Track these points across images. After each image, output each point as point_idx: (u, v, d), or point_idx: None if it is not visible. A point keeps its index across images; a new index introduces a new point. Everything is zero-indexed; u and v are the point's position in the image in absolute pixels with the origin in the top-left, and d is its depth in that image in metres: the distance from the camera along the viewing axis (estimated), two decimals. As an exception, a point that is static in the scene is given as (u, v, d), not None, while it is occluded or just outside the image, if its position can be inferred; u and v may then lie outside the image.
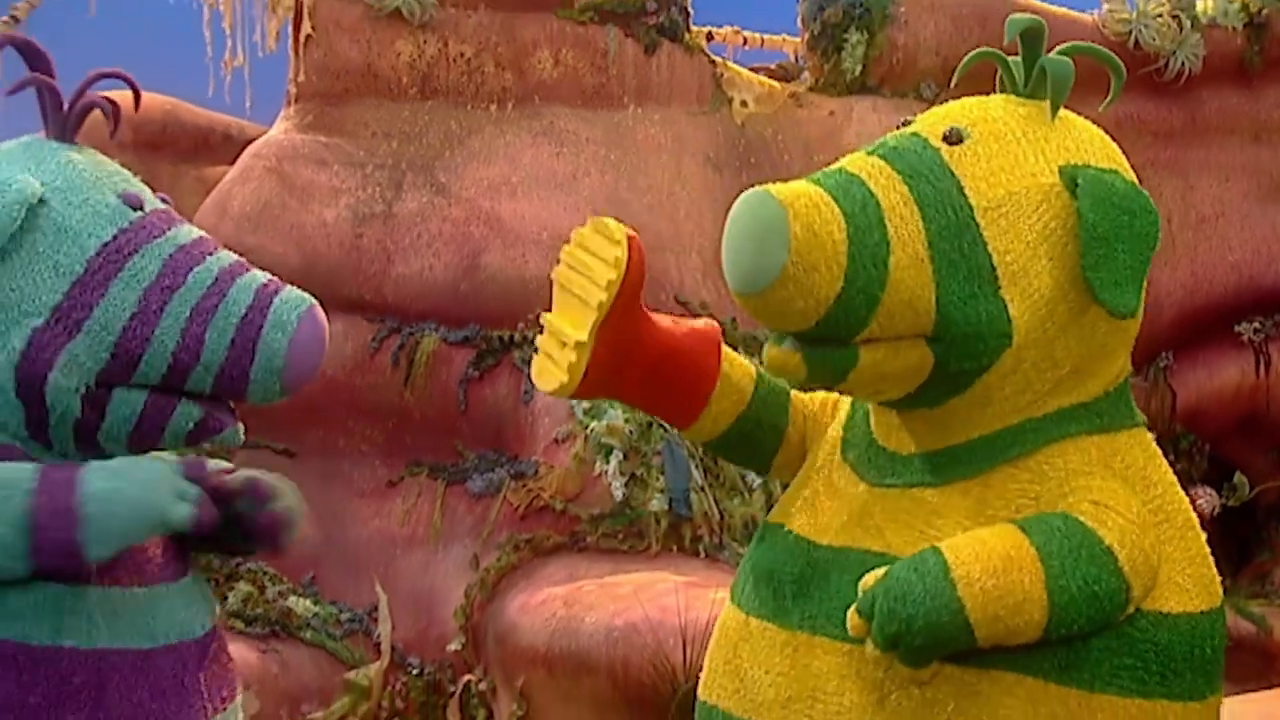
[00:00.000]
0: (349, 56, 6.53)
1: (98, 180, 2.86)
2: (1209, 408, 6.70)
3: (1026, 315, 2.61)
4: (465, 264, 6.27)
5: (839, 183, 2.61)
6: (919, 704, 2.58)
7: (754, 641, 2.85)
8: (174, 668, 2.86)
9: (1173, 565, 2.59)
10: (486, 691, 5.59)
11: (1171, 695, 2.57)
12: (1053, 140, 2.68)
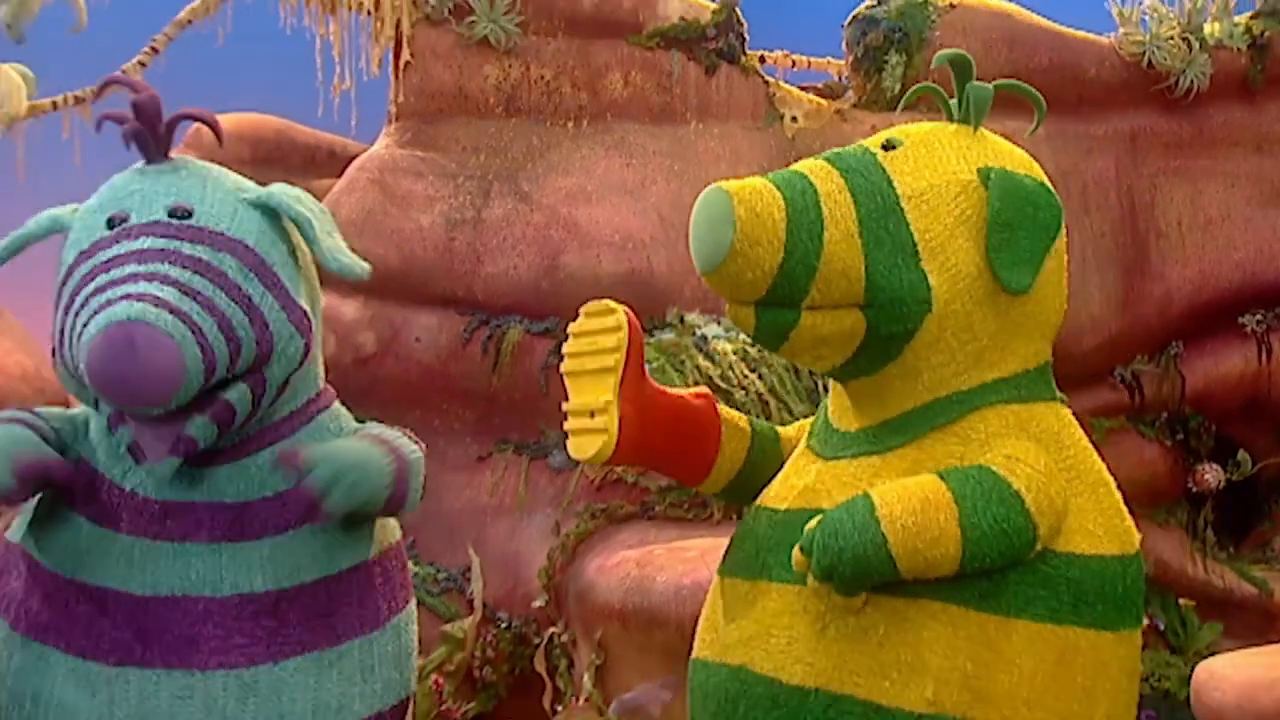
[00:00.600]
0: (442, 80, 6.59)
1: (121, 199, 3.04)
2: (1215, 392, 6.69)
3: (944, 286, 2.80)
4: (546, 264, 6.31)
5: (784, 177, 2.86)
6: (854, 630, 2.73)
7: (725, 596, 3.00)
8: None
9: (1084, 515, 2.77)
10: (568, 643, 5.64)
11: (1082, 623, 2.73)
12: (974, 148, 2.93)
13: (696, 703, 3.03)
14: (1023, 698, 2.67)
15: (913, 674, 2.67)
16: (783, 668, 2.78)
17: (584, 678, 5.39)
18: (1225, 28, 6.64)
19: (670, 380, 5.67)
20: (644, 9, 6.67)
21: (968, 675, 2.66)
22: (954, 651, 2.66)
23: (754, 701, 2.83)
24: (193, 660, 2.87)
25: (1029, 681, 2.68)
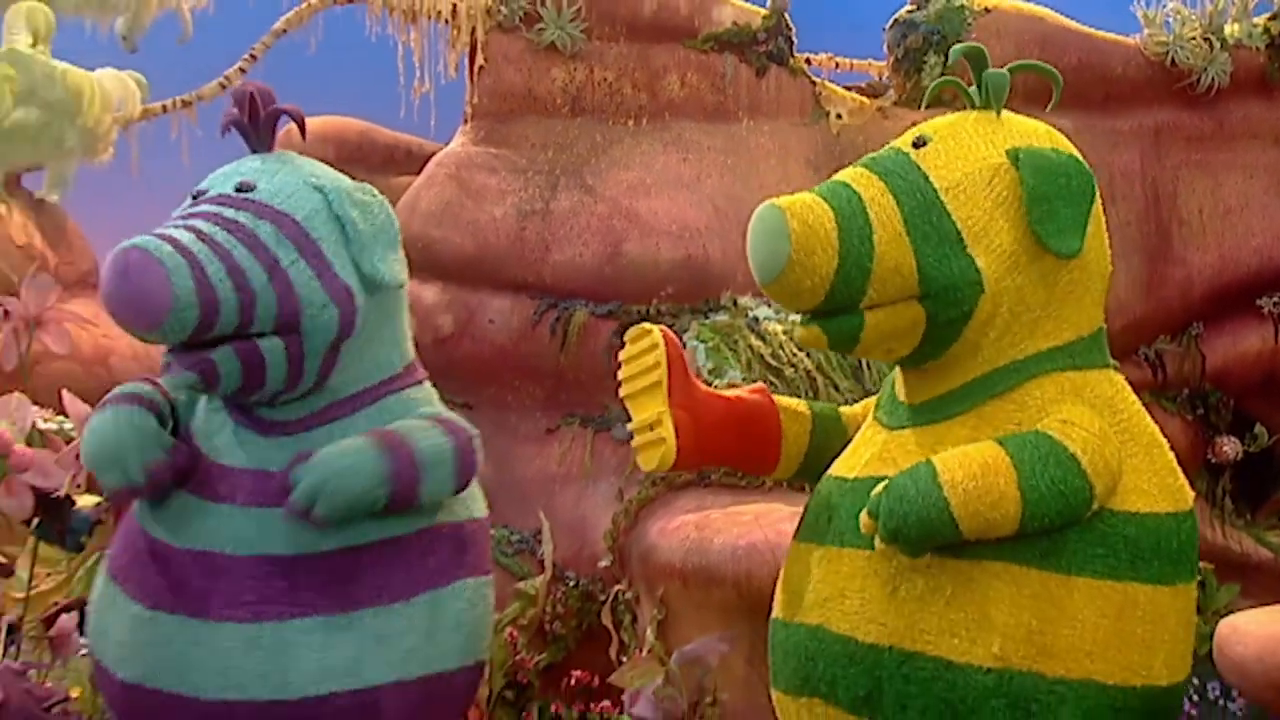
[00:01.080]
0: (514, 82, 6.63)
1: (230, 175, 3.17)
2: (1234, 369, 6.67)
3: (992, 266, 2.81)
4: (609, 251, 6.34)
5: (829, 188, 2.88)
6: (923, 591, 2.75)
7: (800, 561, 3.04)
8: None
9: (1138, 475, 2.78)
10: (631, 600, 5.66)
11: (1140, 579, 2.73)
12: (999, 132, 2.95)
13: (778, 660, 3.06)
14: (1085, 650, 2.68)
15: (980, 631, 2.68)
16: (857, 627, 2.80)
17: (647, 631, 5.40)
18: (1245, 28, 6.61)
19: (725, 358, 5.71)
20: (699, 15, 6.69)
21: (1032, 631, 2.67)
22: (1018, 609, 2.67)
23: (831, 659, 2.85)
24: (207, 611, 2.96)
25: (1091, 635, 2.68)
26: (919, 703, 2.74)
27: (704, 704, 5.11)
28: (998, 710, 2.69)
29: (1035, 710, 2.69)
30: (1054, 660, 2.68)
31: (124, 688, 3.02)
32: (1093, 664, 2.70)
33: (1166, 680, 2.82)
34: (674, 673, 5.12)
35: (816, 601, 2.92)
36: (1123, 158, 6.53)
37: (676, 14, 6.68)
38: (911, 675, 2.74)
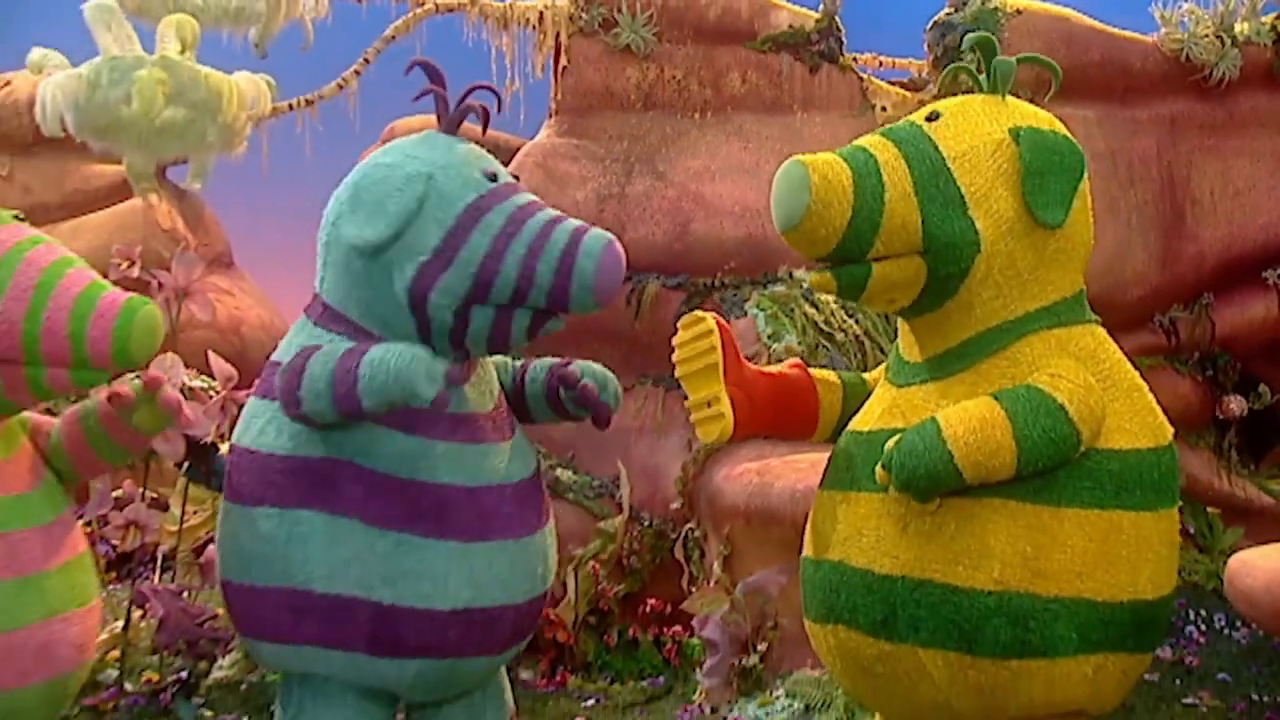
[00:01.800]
0: (593, 81, 6.73)
1: (468, 162, 3.13)
2: (1240, 335, 6.65)
3: (989, 229, 2.88)
4: (678, 230, 6.44)
5: (849, 151, 2.95)
6: (930, 528, 2.83)
7: (824, 506, 3.11)
8: (506, 497, 3.15)
9: (1120, 416, 2.86)
10: (700, 537, 5.76)
11: (1124, 507, 2.81)
12: (1004, 113, 3.02)
13: (807, 593, 3.13)
14: (1075, 572, 2.75)
15: (981, 559, 2.76)
16: (874, 561, 2.88)
17: (714, 565, 5.47)
18: (1253, 26, 6.58)
19: (782, 325, 5.79)
20: (758, 19, 6.74)
21: (1027, 557, 2.75)
22: (1014, 539, 2.75)
23: (852, 590, 2.92)
24: (508, 532, 3.12)
25: (1080, 558, 2.76)
26: (929, 624, 2.81)
27: (765, 628, 5.21)
28: (999, 627, 2.76)
29: (1032, 626, 2.75)
30: (1048, 582, 2.75)
31: (456, 615, 3.05)
32: (1083, 584, 2.77)
33: (1152, 594, 2.87)
34: (738, 601, 5.23)
35: (838, 540, 2.99)
36: (1141, 144, 6.53)
37: (738, 18, 6.73)
38: (922, 600, 2.81)
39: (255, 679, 5.58)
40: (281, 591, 3.01)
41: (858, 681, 3.11)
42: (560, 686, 5.58)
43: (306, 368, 2.90)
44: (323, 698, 3.11)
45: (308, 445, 3.03)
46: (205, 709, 5.32)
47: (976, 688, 2.84)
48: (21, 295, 2.85)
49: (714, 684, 5.21)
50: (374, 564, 2.97)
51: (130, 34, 6.11)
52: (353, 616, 2.98)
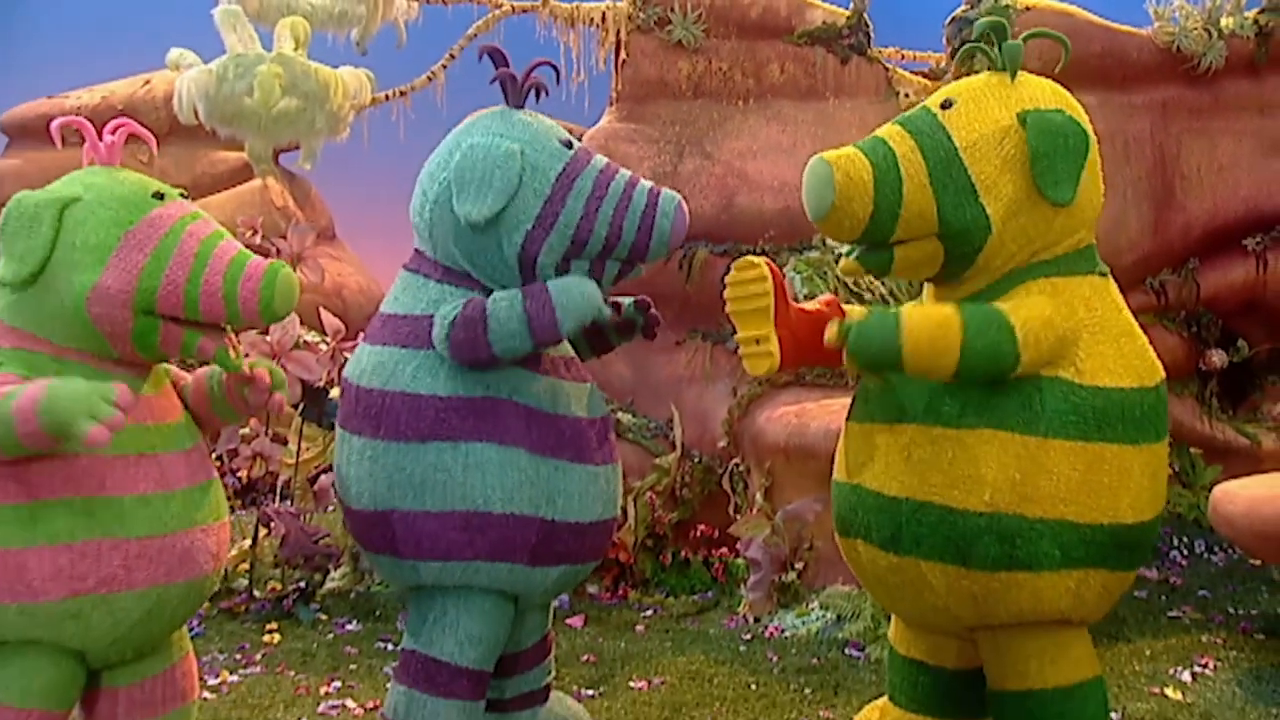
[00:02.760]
0: (649, 72, 6.73)
1: (546, 133, 3.16)
2: (1222, 296, 6.61)
3: (1000, 213, 2.83)
4: (724, 203, 6.45)
5: (869, 144, 2.89)
6: (930, 456, 2.83)
7: (850, 435, 3.12)
8: (601, 430, 3.25)
9: (1105, 358, 2.83)
10: (744, 471, 5.82)
11: (1107, 439, 2.79)
12: (1012, 96, 2.91)
13: (835, 511, 3.16)
14: (1060, 497, 2.76)
15: (975, 484, 2.77)
16: (884, 484, 2.90)
17: (756, 495, 5.54)
18: (1237, 21, 6.51)
19: (817, 286, 5.82)
20: (795, 16, 6.72)
21: (1015, 483, 2.75)
22: (1005, 466, 2.75)
23: (866, 509, 2.96)
24: (613, 458, 3.26)
25: (1064, 485, 2.76)
26: (929, 540, 2.83)
27: (802, 549, 5.29)
28: (989, 544, 2.78)
29: (1019, 544, 2.77)
30: (1034, 505, 2.75)
31: (592, 526, 3.19)
32: (1066, 507, 2.76)
33: (1132, 519, 2.85)
34: (778, 526, 5.31)
35: (856, 466, 3.01)
36: (1136, 126, 6.49)
37: (777, 15, 6.71)
38: (923, 520, 2.83)
39: (362, 589, 5.73)
40: (458, 514, 3.05)
41: (875, 589, 3.17)
42: (622, 599, 5.70)
43: (488, 317, 2.97)
44: (466, 603, 3.16)
45: (465, 387, 3.07)
46: (320, 613, 5.47)
47: (970, 596, 2.87)
48: (184, 263, 2.96)
49: (757, 598, 5.29)
50: (540, 486, 3.05)
51: (252, 35, 6.20)
52: (522, 531, 3.06)
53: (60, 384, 2.65)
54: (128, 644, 3.03)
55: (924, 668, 3.32)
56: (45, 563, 2.81)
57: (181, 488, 3.01)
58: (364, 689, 4.38)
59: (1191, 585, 5.66)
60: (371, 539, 3.23)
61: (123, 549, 2.88)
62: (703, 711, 4.03)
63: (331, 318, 5.65)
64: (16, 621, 2.84)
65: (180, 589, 3.02)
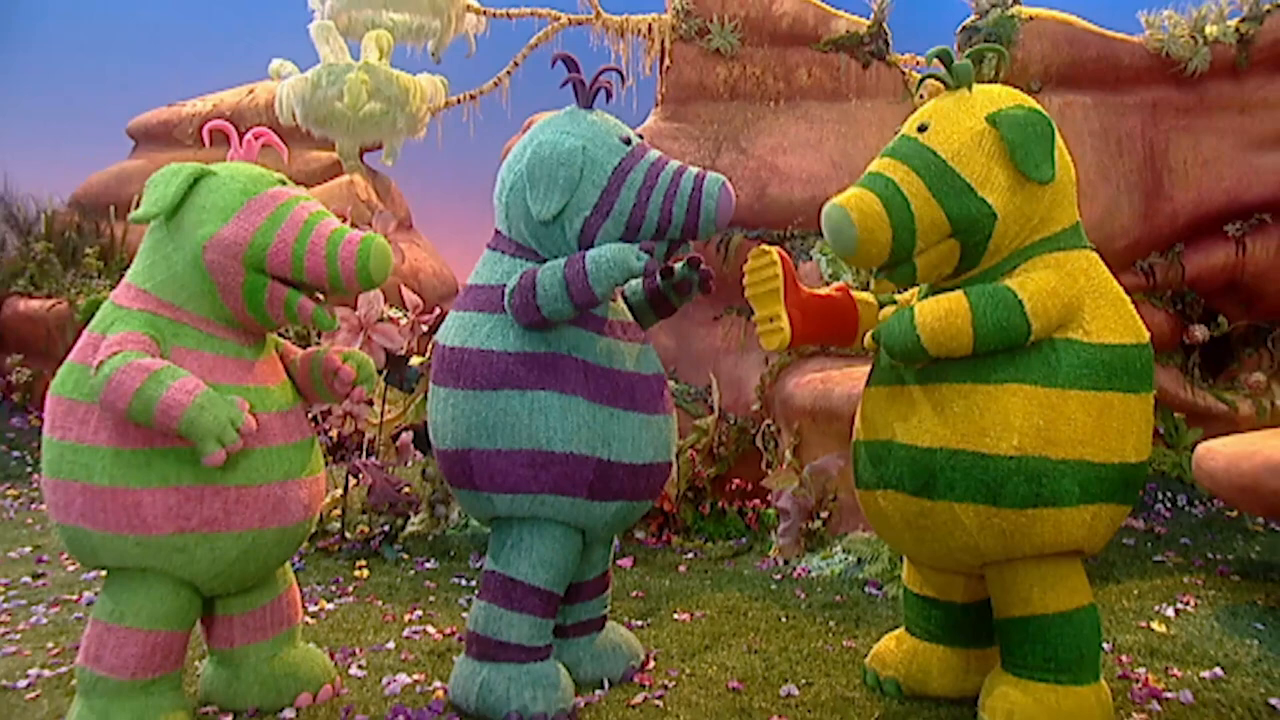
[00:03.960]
0: (690, 77, 6.71)
1: (608, 132, 3.22)
2: (1205, 276, 6.55)
3: (999, 201, 2.89)
4: (757, 193, 6.42)
5: (869, 180, 2.95)
6: (963, 408, 2.89)
7: (874, 398, 3.16)
8: (654, 384, 3.29)
9: (1106, 319, 2.90)
10: (775, 431, 5.83)
11: (1114, 389, 2.87)
12: (976, 104, 2.99)
13: (860, 467, 3.18)
14: (1078, 440, 2.83)
15: (1004, 431, 2.83)
16: (917, 437, 2.95)
17: (786, 452, 5.53)
18: (1221, 29, 6.42)
19: (841, 269, 5.82)
20: (821, 25, 6.69)
21: (1040, 428, 2.82)
22: (1029, 414, 2.82)
23: (899, 461, 2.99)
24: (666, 408, 3.31)
25: (1081, 429, 2.83)
26: (963, 484, 2.88)
27: (827, 500, 5.30)
28: (1018, 484, 2.84)
29: (1045, 483, 2.83)
30: (1057, 448, 2.82)
31: (644, 468, 3.25)
32: (1084, 449, 2.84)
33: (1135, 459, 2.94)
34: (806, 479, 5.32)
35: (886, 424, 3.05)
36: (1128, 123, 6.42)
37: (805, 25, 6.68)
38: (957, 465, 2.87)
39: (438, 532, 5.80)
40: (524, 453, 3.13)
41: (901, 534, 3.16)
42: (666, 544, 5.73)
43: (536, 284, 3.06)
44: (538, 532, 3.25)
45: (531, 344, 3.16)
46: (402, 553, 5.55)
47: (1000, 532, 2.91)
48: (294, 227, 3.05)
49: (786, 543, 5.31)
50: (597, 430, 3.12)
51: (342, 46, 6.25)
52: (580, 469, 3.13)
53: (203, 406, 2.79)
54: (228, 578, 3.13)
55: (935, 603, 3.39)
56: (157, 502, 2.92)
57: (277, 444, 3.09)
58: (441, 617, 4.44)
59: (1174, 534, 5.63)
60: (454, 475, 3.32)
61: (223, 495, 2.97)
62: (738, 640, 4.07)
63: (411, 294, 5.71)
64: (134, 551, 2.96)
65: (274, 534, 3.12)
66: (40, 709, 3.43)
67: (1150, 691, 3.39)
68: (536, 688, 3.15)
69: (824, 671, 3.69)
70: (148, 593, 3.02)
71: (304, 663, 3.43)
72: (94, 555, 3.01)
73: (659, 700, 3.41)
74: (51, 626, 4.34)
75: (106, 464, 2.89)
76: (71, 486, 2.93)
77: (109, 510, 2.91)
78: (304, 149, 8.92)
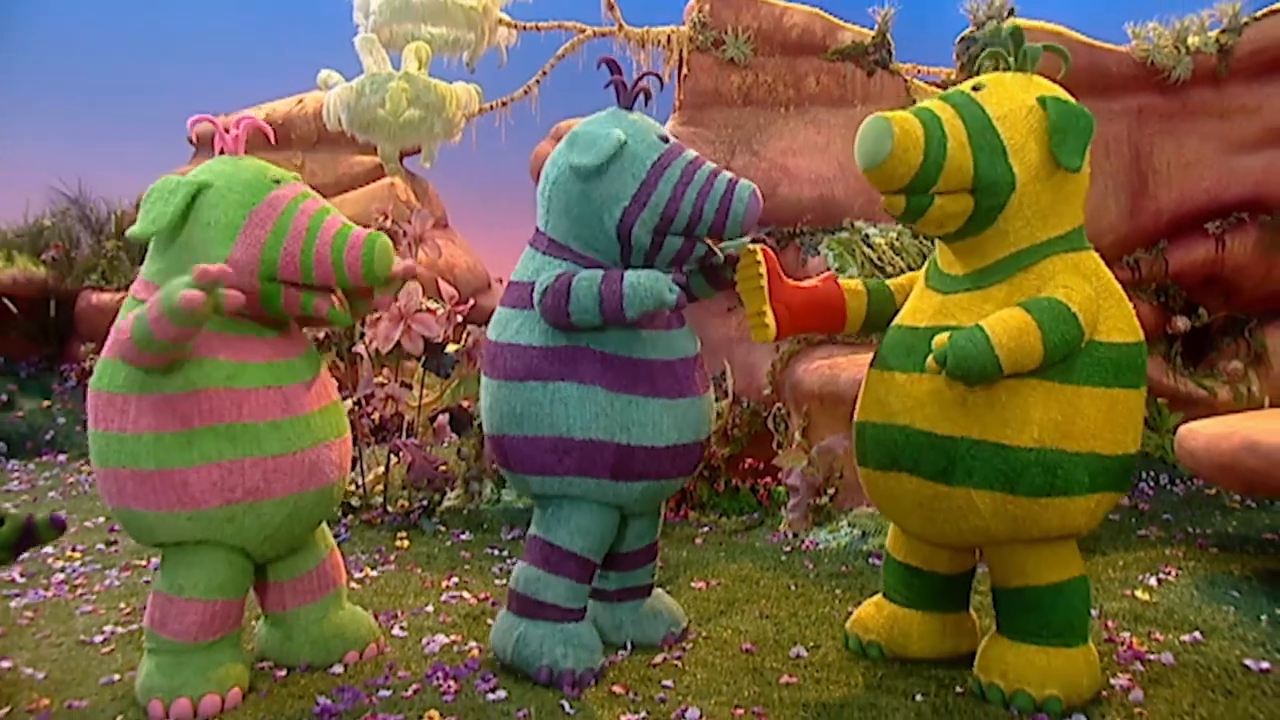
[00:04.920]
0: (706, 85, 6.65)
1: (648, 129, 3.17)
2: (1187, 271, 6.53)
3: (1023, 173, 2.83)
4: (769, 192, 6.25)
5: (918, 110, 2.90)
6: (984, 400, 2.84)
7: (882, 382, 3.09)
8: (679, 368, 3.23)
9: (1114, 318, 2.95)
10: (785, 414, 5.80)
11: (1121, 385, 2.83)
12: (1031, 86, 2.97)
13: (869, 448, 3.10)
14: (1090, 432, 2.79)
15: (1024, 424, 2.79)
16: (937, 425, 2.88)
17: (795, 433, 5.53)
18: (1202, 39, 6.37)
19: (847, 263, 5.78)
20: (828, 36, 6.63)
21: (1057, 422, 2.78)
22: (1048, 408, 2.78)
23: (916, 446, 2.93)
24: (694, 391, 3.23)
25: (1093, 423, 2.80)
26: (982, 471, 2.84)
27: (833, 478, 5.29)
28: (1036, 473, 2.80)
29: (1060, 473, 2.80)
30: (1071, 440, 2.79)
31: (668, 450, 3.17)
32: (1095, 441, 2.80)
33: (1135, 449, 2.93)
34: (814, 458, 5.31)
35: (903, 409, 2.96)
36: (1115, 128, 6.38)
37: (814, 36, 6.64)
38: (977, 454, 2.83)
39: (473, 507, 5.82)
40: (548, 440, 3.14)
41: (909, 513, 3.10)
42: (683, 518, 5.73)
43: (571, 293, 2.99)
44: (575, 504, 3.26)
45: (553, 339, 3.14)
46: (440, 525, 5.58)
47: (1013, 517, 2.88)
48: (298, 236, 3.02)
49: (795, 517, 5.30)
50: (615, 417, 3.09)
51: (384, 57, 6.26)
52: (600, 454, 3.12)
53: (166, 292, 2.71)
54: (276, 541, 3.16)
55: (918, 572, 3.37)
56: (202, 478, 2.93)
57: (306, 412, 3.10)
58: (476, 583, 4.47)
59: (1157, 510, 5.61)
60: (495, 456, 3.36)
61: (262, 465, 2.99)
62: (751, 607, 4.07)
63: (448, 287, 5.72)
64: (187, 526, 2.99)
65: (313, 495, 3.14)
66: (115, 661, 3.51)
67: (1134, 654, 3.40)
68: (568, 646, 3.17)
69: (830, 635, 3.69)
70: (203, 566, 3.05)
71: (351, 624, 3.46)
72: (150, 533, 3.04)
73: (678, 660, 3.42)
74: (123, 589, 4.41)
75: (150, 449, 2.90)
76: (121, 473, 2.95)
77: (158, 491, 2.92)
78: (349, 153, 8.94)
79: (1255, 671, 3.26)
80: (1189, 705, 3.00)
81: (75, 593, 4.36)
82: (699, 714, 2.95)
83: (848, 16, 6.76)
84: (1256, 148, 6.43)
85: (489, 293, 8.81)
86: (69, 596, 4.30)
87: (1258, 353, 6.58)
